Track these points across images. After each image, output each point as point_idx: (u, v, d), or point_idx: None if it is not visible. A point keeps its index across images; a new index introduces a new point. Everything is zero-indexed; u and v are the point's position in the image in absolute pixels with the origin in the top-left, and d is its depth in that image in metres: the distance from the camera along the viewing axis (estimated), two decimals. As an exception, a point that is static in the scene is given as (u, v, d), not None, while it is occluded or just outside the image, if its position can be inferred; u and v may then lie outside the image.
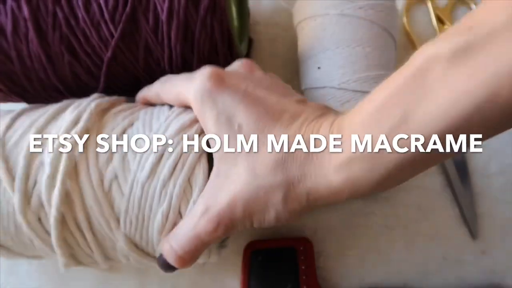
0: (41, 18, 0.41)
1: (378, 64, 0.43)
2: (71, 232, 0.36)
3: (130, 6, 0.40)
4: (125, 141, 0.37)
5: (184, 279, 0.49)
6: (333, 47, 0.43)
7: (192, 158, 0.35)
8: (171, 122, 0.36)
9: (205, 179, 0.35)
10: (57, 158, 0.35)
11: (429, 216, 0.49)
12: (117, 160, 0.36)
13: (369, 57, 0.43)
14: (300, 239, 0.47)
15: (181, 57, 0.42)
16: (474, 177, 0.50)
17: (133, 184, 0.35)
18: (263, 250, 0.47)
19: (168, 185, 0.35)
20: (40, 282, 0.50)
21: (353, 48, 0.43)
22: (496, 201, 0.49)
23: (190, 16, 0.41)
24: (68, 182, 0.35)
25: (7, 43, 0.42)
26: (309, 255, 0.46)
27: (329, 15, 0.44)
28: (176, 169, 0.35)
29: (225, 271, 0.49)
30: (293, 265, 0.46)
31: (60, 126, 0.37)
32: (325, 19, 0.44)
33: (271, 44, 0.56)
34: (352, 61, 0.43)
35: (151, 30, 0.41)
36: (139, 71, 0.44)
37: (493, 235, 0.49)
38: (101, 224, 0.35)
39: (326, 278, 0.48)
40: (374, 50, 0.43)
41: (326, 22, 0.44)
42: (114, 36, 0.41)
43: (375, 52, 0.43)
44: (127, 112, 0.39)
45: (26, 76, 0.44)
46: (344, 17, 0.43)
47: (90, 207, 0.35)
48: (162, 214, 0.35)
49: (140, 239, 0.36)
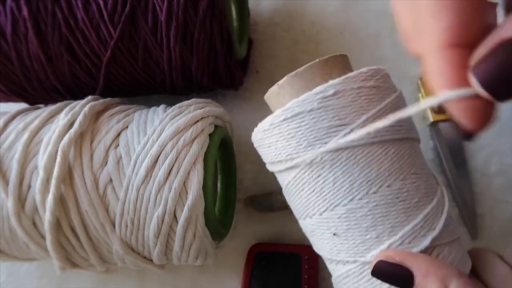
0: (41, 18, 0.40)
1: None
2: (66, 236, 0.34)
3: (129, 7, 0.39)
4: (120, 144, 0.35)
5: (184, 279, 0.47)
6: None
7: (187, 162, 0.33)
8: (166, 125, 0.35)
9: (200, 182, 0.33)
10: (51, 162, 0.34)
11: (429, 216, 0.47)
12: (112, 163, 0.34)
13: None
14: (307, 247, 0.45)
15: (180, 58, 0.41)
16: (474, 177, 0.48)
17: (128, 188, 0.33)
18: (268, 253, 0.46)
19: (164, 189, 0.33)
20: (40, 282, 0.49)
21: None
22: (496, 201, 0.48)
23: (189, 17, 0.39)
24: (62, 186, 0.33)
25: (6, 43, 0.41)
26: (314, 265, 0.45)
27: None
28: (171, 173, 0.33)
29: (225, 271, 0.47)
30: (296, 272, 0.44)
31: (54, 129, 0.35)
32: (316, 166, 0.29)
33: (271, 44, 0.54)
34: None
35: (150, 31, 0.40)
36: (138, 71, 0.42)
37: (493, 235, 0.47)
38: (96, 228, 0.34)
39: (326, 278, 0.46)
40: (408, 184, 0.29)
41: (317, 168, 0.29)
42: (113, 37, 0.40)
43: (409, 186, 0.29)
44: (122, 114, 0.38)
45: (25, 76, 0.43)
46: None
47: (85, 211, 0.34)
48: (158, 218, 0.33)
49: (136, 242, 0.35)
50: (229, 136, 0.44)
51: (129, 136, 0.35)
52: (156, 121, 0.36)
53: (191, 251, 0.35)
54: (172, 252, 0.35)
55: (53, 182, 0.33)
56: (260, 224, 0.48)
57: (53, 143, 0.34)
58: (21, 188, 0.34)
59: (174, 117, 0.36)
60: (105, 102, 0.39)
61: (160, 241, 0.34)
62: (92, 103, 0.37)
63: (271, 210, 0.47)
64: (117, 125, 0.36)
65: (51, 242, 0.34)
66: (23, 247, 0.36)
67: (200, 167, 0.34)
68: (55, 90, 0.44)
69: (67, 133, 0.34)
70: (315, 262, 0.45)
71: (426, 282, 0.26)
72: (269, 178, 0.49)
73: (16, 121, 0.38)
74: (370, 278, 0.29)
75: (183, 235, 0.34)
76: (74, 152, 0.34)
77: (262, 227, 0.48)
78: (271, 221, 0.48)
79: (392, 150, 0.28)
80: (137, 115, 0.38)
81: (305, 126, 0.28)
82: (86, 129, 0.36)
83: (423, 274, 0.26)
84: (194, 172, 0.34)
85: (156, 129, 0.35)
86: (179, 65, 0.42)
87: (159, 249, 0.35)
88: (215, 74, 0.44)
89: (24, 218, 0.34)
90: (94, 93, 0.44)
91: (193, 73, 0.43)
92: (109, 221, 0.34)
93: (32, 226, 0.35)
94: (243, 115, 0.52)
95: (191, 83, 0.45)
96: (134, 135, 0.35)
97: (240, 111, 0.52)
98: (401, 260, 0.27)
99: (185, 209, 0.33)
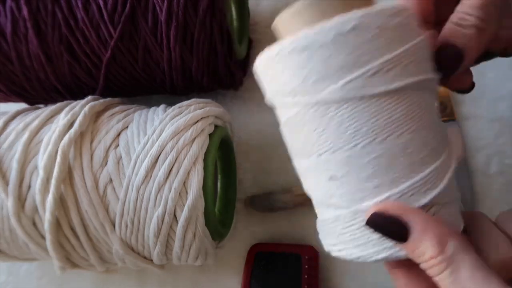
0: (41, 18, 0.40)
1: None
2: (66, 236, 0.34)
3: (129, 7, 0.39)
4: (120, 144, 0.35)
5: (184, 279, 0.47)
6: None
7: (187, 162, 0.33)
8: (166, 125, 0.35)
9: (200, 182, 0.33)
10: (51, 162, 0.33)
11: (429, 216, 0.47)
12: (112, 163, 0.34)
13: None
14: (308, 247, 0.45)
15: (180, 58, 0.41)
16: (474, 177, 0.48)
17: (128, 188, 0.33)
18: (268, 253, 0.45)
19: (164, 189, 0.33)
20: (40, 282, 0.49)
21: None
22: (496, 201, 0.47)
23: (189, 17, 0.39)
24: (62, 186, 0.33)
25: (6, 43, 0.41)
26: (314, 265, 0.44)
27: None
28: (171, 173, 0.33)
29: (225, 271, 0.47)
30: (296, 272, 0.44)
31: (54, 129, 0.35)
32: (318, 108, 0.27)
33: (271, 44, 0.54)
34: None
35: (150, 31, 0.40)
36: (138, 71, 0.42)
37: (493, 235, 0.47)
38: (96, 228, 0.34)
39: (326, 278, 0.46)
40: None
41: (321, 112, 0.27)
42: (113, 37, 0.40)
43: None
44: (122, 114, 0.38)
45: (25, 76, 0.42)
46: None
47: (85, 211, 0.33)
48: (158, 218, 0.33)
49: (136, 242, 0.34)
50: (229, 136, 0.44)
51: (129, 136, 0.35)
52: (156, 121, 0.35)
53: (191, 251, 0.35)
54: (172, 252, 0.35)
55: (53, 182, 0.33)
56: (260, 224, 0.48)
57: (53, 143, 0.34)
58: (21, 188, 0.34)
59: (174, 117, 0.35)
60: (105, 102, 0.38)
61: (160, 241, 0.34)
62: (92, 103, 0.37)
63: (271, 210, 0.47)
64: (117, 125, 0.36)
65: (51, 242, 0.34)
66: (23, 247, 0.36)
67: (200, 167, 0.34)
68: (55, 90, 0.44)
69: (67, 133, 0.34)
70: (315, 262, 0.45)
71: (423, 238, 0.25)
72: (269, 178, 0.49)
73: (16, 121, 0.38)
74: (361, 226, 0.27)
75: (183, 235, 0.34)
76: (74, 152, 0.34)
77: (262, 227, 0.48)
78: (271, 221, 0.48)
79: (406, 100, 0.26)
80: (137, 115, 0.37)
81: (316, 60, 0.26)
82: (86, 129, 0.35)
83: (420, 230, 0.25)
84: (194, 172, 0.33)
85: (156, 129, 0.35)
86: (179, 65, 0.41)
87: (159, 249, 0.34)
88: (215, 74, 0.44)
89: (24, 218, 0.34)
90: (94, 93, 0.44)
91: (193, 73, 0.43)
92: (109, 221, 0.34)
93: (32, 226, 0.34)
94: (243, 115, 0.51)
95: (191, 83, 0.44)
96: (134, 135, 0.35)
97: (240, 111, 0.52)
98: (399, 213, 0.26)
99: (185, 209, 0.33)
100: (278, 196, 0.46)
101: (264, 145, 0.50)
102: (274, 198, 0.46)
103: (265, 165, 0.50)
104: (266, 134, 0.50)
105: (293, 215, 0.48)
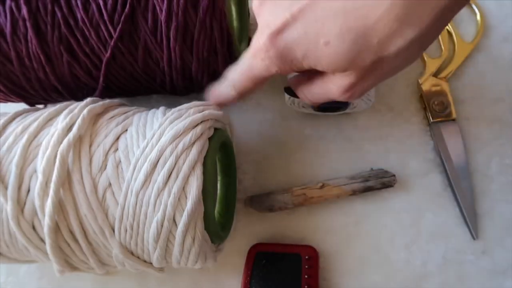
0: (40, 18, 0.40)
1: None
2: (65, 240, 0.34)
3: (129, 6, 0.39)
4: (119, 148, 0.34)
5: (184, 279, 0.47)
6: None
7: (187, 167, 0.33)
8: (166, 129, 0.34)
9: (199, 187, 0.33)
10: (50, 166, 0.33)
11: (429, 216, 0.47)
12: (111, 167, 0.33)
13: None
14: (307, 247, 0.45)
15: (180, 58, 0.40)
16: (474, 177, 0.48)
17: (128, 193, 0.32)
18: (268, 253, 0.45)
19: (163, 194, 0.32)
20: (40, 282, 0.48)
21: None
22: (496, 201, 0.47)
23: (189, 17, 0.39)
24: (61, 190, 0.33)
25: (6, 43, 0.40)
26: (314, 265, 0.44)
27: None
28: (170, 178, 0.32)
29: (225, 272, 0.47)
30: (296, 272, 0.44)
31: (53, 132, 0.35)
32: None
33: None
34: None
35: (150, 31, 0.39)
36: (138, 71, 0.42)
37: (493, 235, 0.46)
38: (96, 232, 0.33)
39: (326, 278, 0.46)
40: None
41: None
42: (113, 37, 0.39)
43: None
44: (121, 117, 0.37)
45: (25, 76, 0.42)
46: None
47: (84, 215, 0.33)
48: (157, 223, 0.32)
49: (136, 246, 0.34)
50: (229, 138, 0.44)
51: (128, 140, 0.35)
52: (156, 125, 0.35)
53: (190, 256, 0.34)
54: (171, 256, 0.35)
55: (52, 186, 0.32)
56: (260, 224, 0.48)
57: (52, 146, 0.33)
58: (20, 192, 0.34)
59: (173, 121, 0.35)
60: (104, 105, 0.38)
61: (160, 246, 0.34)
62: (91, 106, 0.36)
63: (271, 210, 0.46)
64: (116, 129, 0.35)
65: (51, 246, 0.33)
66: (22, 250, 0.36)
67: (199, 172, 0.33)
68: (55, 90, 0.44)
69: (66, 136, 0.34)
70: (315, 262, 0.44)
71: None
72: (269, 178, 0.49)
73: (14, 124, 0.37)
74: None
75: (182, 240, 0.33)
76: (73, 156, 0.33)
77: (262, 227, 0.48)
78: (271, 221, 0.48)
79: None
80: (137, 117, 0.37)
81: None
82: (85, 133, 0.35)
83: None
84: (193, 177, 0.33)
85: (155, 133, 0.34)
86: (179, 65, 0.41)
87: (158, 253, 0.34)
88: (215, 74, 0.43)
89: (23, 222, 0.33)
90: (94, 93, 0.43)
91: (193, 73, 0.42)
92: (109, 226, 0.33)
93: (32, 230, 0.34)
94: (243, 115, 0.51)
95: (191, 83, 0.44)
96: (133, 139, 0.35)
97: (240, 111, 0.51)
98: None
99: (184, 214, 0.32)
100: (278, 196, 0.46)
101: (264, 145, 0.50)
102: (274, 198, 0.46)
103: (265, 165, 0.49)
104: (266, 134, 0.50)
105: (293, 215, 0.48)
